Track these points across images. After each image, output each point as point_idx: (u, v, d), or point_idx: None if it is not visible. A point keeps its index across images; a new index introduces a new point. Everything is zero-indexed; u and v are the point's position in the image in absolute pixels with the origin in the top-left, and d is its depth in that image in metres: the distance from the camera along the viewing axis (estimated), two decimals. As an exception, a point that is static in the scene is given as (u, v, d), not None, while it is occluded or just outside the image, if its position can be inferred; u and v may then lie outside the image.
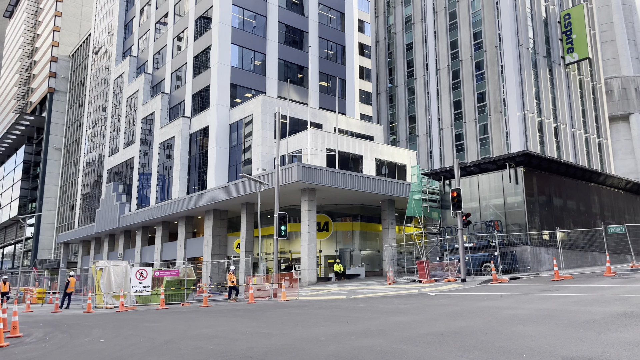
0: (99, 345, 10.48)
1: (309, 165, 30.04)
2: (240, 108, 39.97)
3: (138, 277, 22.16)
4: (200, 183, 41.96)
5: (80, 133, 74.43)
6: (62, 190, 79.76)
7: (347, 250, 37.36)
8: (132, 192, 50.63)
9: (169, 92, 48.85)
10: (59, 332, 13.23)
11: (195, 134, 43.26)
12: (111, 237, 54.23)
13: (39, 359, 9.24)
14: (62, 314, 21.17)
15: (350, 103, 48.95)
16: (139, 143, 50.80)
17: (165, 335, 11.24)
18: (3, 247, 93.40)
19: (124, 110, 55.81)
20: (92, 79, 69.21)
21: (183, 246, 40.67)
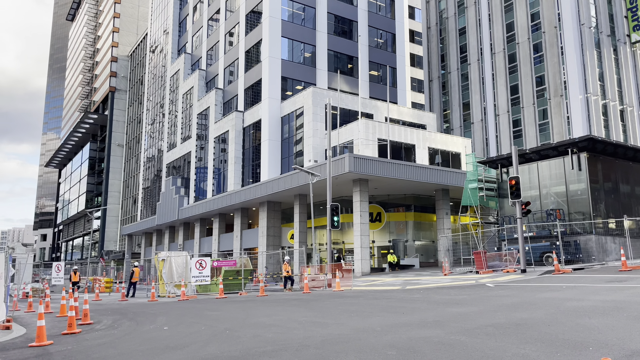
0: (163, 332, 10.97)
1: (361, 156, 29.93)
2: (291, 101, 40.32)
3: (198, 267, 22.94)
4: (254, 175, 42.78)
5: (140, 129, 77.57)
6: (124, 185, 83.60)
7: (401, 240, 37.05)
8: (190, 186, 52.35)
9: (222, 88, 49.95)
10: (126, 320, 13.94)
11: (248, 127, 44.07)
12: (171, 229, 56.37)
13: (109, 345, 9.78)
14: (129, 302, 22.27)
15: (401, 92, 48.26)
16: (195, 138, 52.35)
17: (225, 324, 11.61)
18: (73, 239, 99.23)
19: (180, 106, 57.64)
20: (149, 77, 71.87)
21: (239, 237, 41.70)
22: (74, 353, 8.98)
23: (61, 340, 10.70)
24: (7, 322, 13.80)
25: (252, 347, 8.35)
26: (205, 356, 7.81)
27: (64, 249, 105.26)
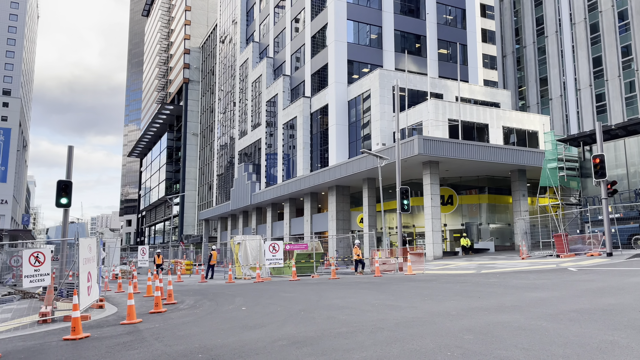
0: (242, 312, 11.44)
1: (430, 138, 29.26)
2: (358, 84, 40.05)
3: (271, 250, 23.62)
4: (323, 160, 43.11)
5: (213, 118, 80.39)
6: (200, 172, 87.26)
7: (474, 223, 36.00)
8: (261, 172, 53.72)
9: (289, 74, 50.53)
10: (207, 300, 14.67)
11: (316, 112, 44.36)
12: (245, 214, 58.29)
13: (192, 323, 10.35)
14: (208, 283, 23.39)
15: (472, 69, 46.46)
16: (264, 125, 53.50)
17: (300, 305, 11.90)
18: (155, 224, 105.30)
19: (249, 95, 59.03)
20: (220, 67, 74.08)
21: (309, 221, 42.37)
22: (161, 330, 9.59)
23: (149, 319, 11.46)
24: (100, 302, 14.97)
25: (327, 328, 8.52)
26: (283, 336, 8.07)
27: (147, 233, 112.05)
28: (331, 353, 6.59)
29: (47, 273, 11.63)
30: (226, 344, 7.75)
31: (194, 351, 7.35)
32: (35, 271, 11.46)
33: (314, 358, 6.38)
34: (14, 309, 15.28)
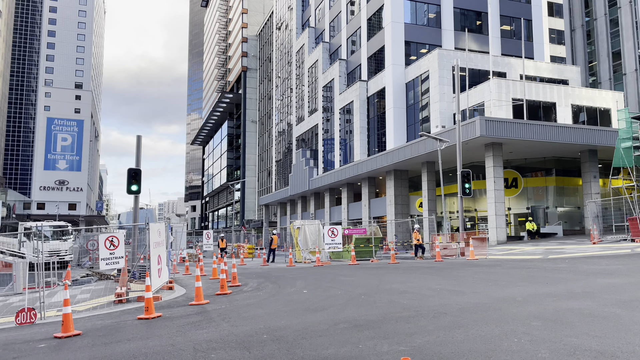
0: (303, 295, 11.67)
1: (493, 118, 28.24)
2: (416, 65, 39.19)
3: (330, 235, 23.83)
4: (380, 144, 42.72)
5: (271, 105, 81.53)
6: (259, 159, 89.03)
7: (540, 207, 34.56)
8: (318, 157, 54.05)
9: (345, 58, 50.21)
10: (269, 283, 15.06)
11: (372, 96, 43.91)
12: (303, 199, 59.01)
13: (256, 305, 10.68)
14: (269, 267, 23.98)
15: (538, 45, 44.20)
16: (321, 110, 53.63)
17: (360, 289, 11.98)
18: (217, 209, 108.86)
19: (306, 81, 59.27)
20: (277, 54, 74.77)
21: (367, 206, 42.28)
22: (228, 311, 9.97)
23: (216, 300, 11.94)
24: (169, 283, 15.73)
25: (389, 312, 8.53)
26: (344, 319, 8.17)
27: (211, 218, 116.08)
28: (393, 336, 6.61)
29: (121, 256, 12.36)
30: (289, 325, 7.95)
31: (259, 332, 7.60)
32: (110, 254, 12.20)
33: (376, 341, 6.42)
34: (92, 289, 16.37)
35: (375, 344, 6.26)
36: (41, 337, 8.68)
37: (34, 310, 10.61)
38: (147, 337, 7.86)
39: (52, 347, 7.76)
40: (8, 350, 7.75)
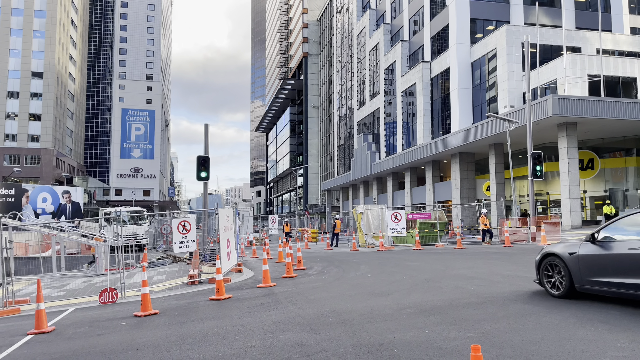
0: (367, 279, 11.72)
1: (567, 96, 26.68)
2: (482, 43, 37.66)
3: (393, 219, 23.66)
4: (444, 127, 41.64)
5: (332, 90, 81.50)
6: (321, 144, 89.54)
7: (620, 189, 32.43)
8: (380, 141, 53.56)
9: (407, 40, 49.12)
10: (333, 267, 15.23)
11: (436, 77, 42.75)
12: (365, 184, 58.87)
13: (321, 288, 10.85)
14: (333, 251, 24.21)
15: (616, 16, 41.08)
16: (382, 94, 52.95)
17: (425, 274, 11.85)
18: (281, 194, 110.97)
19: (367, 64, 58.65)
20: (337, 39, 74.41)
21: (431, 190, 41.50)
22: (294, 294, 10.21)
23: (282, 283, 12.25)
24: (238, 266, 16.30)
25: (455, 298, 8.40)
26: (409, 304, 8.13)
27: (275, 203, 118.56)
28: (461, 323, 6.51)
29: (193, 240, 12.93)
30: (355, 309, 8.03)
31: (325, 314, 7.73)
32: (183, 238, 12.80)
33: (442, 327, 6.36)
34: (166, 271, 17.29)
35: (442, 330, 6.20)
36: (122, 316, 9.30)
37: (115, 290, 11.38)
38: (219, 318, 8.22)
39: (133, 324, 8.31)
40: (94, 328, 8.37)
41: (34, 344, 7.51)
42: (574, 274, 7.45)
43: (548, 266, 8.03)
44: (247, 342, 6.32)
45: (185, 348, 6.31)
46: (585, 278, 7.26)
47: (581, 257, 7.35)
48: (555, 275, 7.84)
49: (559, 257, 7.78)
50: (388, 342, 5.81)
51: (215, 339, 6.65)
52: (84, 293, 13.30)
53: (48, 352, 6.85)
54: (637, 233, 6.77)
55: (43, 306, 8.58)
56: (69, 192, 32.42)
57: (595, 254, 7.14)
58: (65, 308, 10.92)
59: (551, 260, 7.96)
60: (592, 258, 7.18)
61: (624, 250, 6.70)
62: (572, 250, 7.61)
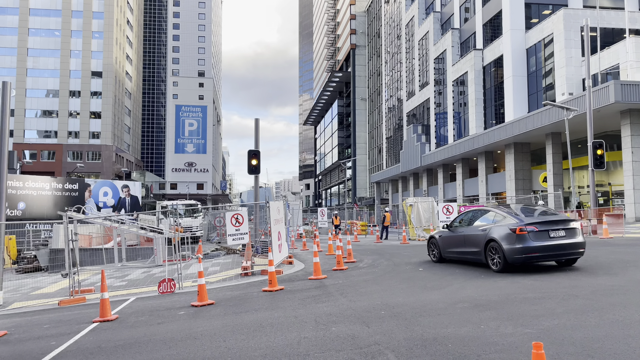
0: (419, 273, 11.59)
1: (630, 82, 25.21)
2: (538, 28, 36.15)
3: (445, 212, 23.23)
4: (497, 116, 40.39)
5: (380, 82, 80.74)
6: (369, 136, 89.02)
7: (690, 180, 30.37)
8: (430, 132, 52.63)
9: (458, 27, 47.87)
10: (384, 260, 15.16)
11: (489, 65, 41.47)
12: (415, 176, 58.10)
13: (372, 281, 10.84)
14: (383, 244, 24.08)
15: (687, -6, 38.32)
16: (432, 84, 51.94)
17: (480, 268, 11.58)
18: (330, 187, 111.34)
19: (416, 54, 57.65)
20: (385, 29, 73.53)
21: (484, 182, 40.43)
22: (345, 287, 10.25)
23: (333, 275, 12.32)
24: (289, 258, 16.53)
25: (511, 292, 8.18)
26: (463, 298, 7.99)
27: (324, 196, 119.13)
28: (517, 318, 6.34)
29: (245, 232, 13.22)
30: (406, 302, 7.97)
31: (376, 307, 7.73)
32: (236, 230, 13.11)
33: (498, 322, 6.21)
34: (221, 262, 17.77)
35: (498, 325, 6.06)
36: (180, 305, 9.66)
37: (173, 280, 11.82)
38: (272, 309, 8.39)
39: (190, 314, 8.61)
40: (154, 316, 8.75)
41: (99, 331, 7.93)
42: (441, 247, 13.06)
43: (430, 244, 13.77)
44: (300, 334, 6.42)
45: (241, 338, 6.49)
46: (445, 250, 12.88)
47: (442, 238, 13.03)
48: (435, 249, 13.42)
49: (434, 238, 13.51)
50: (442, 336, 5.75)
51: (269, 330, 6.79)
52: (143, 283, 13.90)
53: (112, 339, 7.23)
54: (466, 223, 12.13)
55: (107, 295, 9.04)
56: (128, 186, 33.86)
57: (448, 236, 12.73)
58: (126, 297, 11.46)
59: (431, 240, 13.72)
60: (446, 238, 12.80)
61: (457, 233, 12.23)
62: (440, 234, 13.27)
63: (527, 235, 9.94)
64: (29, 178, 28.68)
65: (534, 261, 10.18)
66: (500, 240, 10.26)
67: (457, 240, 12.08)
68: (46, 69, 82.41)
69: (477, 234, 11.26)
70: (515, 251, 9.96)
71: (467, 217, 12.29)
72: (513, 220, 10.40)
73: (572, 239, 10.13)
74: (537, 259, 10.05)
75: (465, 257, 11.87)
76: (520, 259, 9.98)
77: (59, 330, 8.35)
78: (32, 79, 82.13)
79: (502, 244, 10.20)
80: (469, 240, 11.55)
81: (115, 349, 6.60)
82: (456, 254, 12.24)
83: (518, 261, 10.05)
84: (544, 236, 9.99)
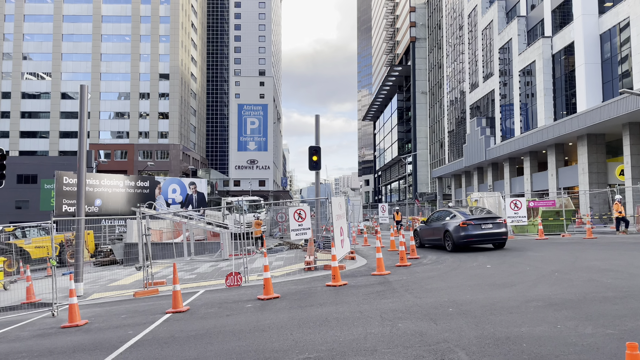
0: (487, 270, 11.22)
1: None
2: (613, 12, 33.87)
3: (512, 207, 22.35)
4: (568, 107, 38.29)
5: (441, 74, 78.85)
6: (430, 130, 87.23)
7: None
8: (495, 125, 50.77)
9: (524, 15, 45.79)
10: (448, 256, 14.81)
11: (558, 53, 39.37)
12: (479, 170, 56.29)
13: (437, 278, 10.61)
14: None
15: None
16: (497, 74, 50.06)
17: (552, 266, 11.05)
18: (390, 183, 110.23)
19: (479, 44, 55.78)
20: (447, 20, 71.67)
21: (554, 176, 38.51)
22: (409, 283, 10.10)
23: (396, 271, 12.18)
24: (351, 254, 16.52)
25: (589, 291, 7.74)
26: (536, 296, 7.65)
27: (384, 192, 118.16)
28: (597, 318, 5.99)
29: (308, 227, 13.35)
30: (475, 300, 7.74)
31: (443, 304, 7.55)
32: (299, 226, 13.26)
33: (576, 322, 5.89)
34: (284, 257, 18.06)
35: (576, 325, 5.75)
36: (247, 298, 9.90)
37: (239, 274, 12.14)
38: (337, 303, 8.41)
39: (257, 307, 8.81)
40: (223, 309, 9.02)
41: (172, 322, 8.28)
42: (420, 237, 17.93)
43: (415, 234, 18.37)
44: (366, 329, 6.39)
45: (307, 332, 6.55)
46: (423, 239, 17.70)
47: (421, 230, 17.89)
48: (417, 238, 18.10)
49: (417, 230, 18.38)
50: (515, 335, 5.53)
51: (334, 324, 6.81)
52: (211, 276, 14.38)
53: (185, 329, 7.52)
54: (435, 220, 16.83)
55: (179, 288, 9.42)
56: (195, 184, 35.14)
57: (424, 228, 17.48)
58: (196, 290, 11.90)
59: (415, 231, 18.58)
60: (423, 230, 17.59)
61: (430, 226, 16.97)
62: (419, 227, 18.17)
63: (467, 227, 15.07)
64: (105, 176, 30.43)
65: (471, 244, 15.29)
66: (452, 231, 15.29)
67: (429, 231, 17.05)
68: (118, 73, 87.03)
69: (439, 227, 16.29)
70: (460, 237, 15.09)
71: (436, 216, 17.29)
72: (461, 217, 15.38)
73: (498, 229, 15.27)
74: (473, 243, 15.23)
75: (433, 242, 16.86)
76: (463, 242, 15.12)
77: (135, 320, 8.80)
78: (106, 82, 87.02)
79: (452, 233, 15.17)
80: (436, 231, 16.51)
81: (188, 339, 6.87)
82: (428, 241, 17.30)
83: (462, 244, 15.14)
84: (478, 228, 15.10)
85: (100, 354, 6.53)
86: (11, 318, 10.94)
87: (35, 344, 7.72)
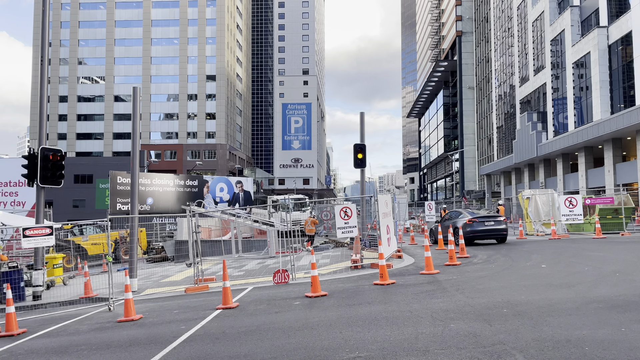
0: (542, 270, 10.80)
1: None
2: (677, -3, 31.89)
3: (567, 205, 21.44)
4: (626, 99, 36.37)
5: (489, 69, 76.72)
6: (478, 126, 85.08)
7: None
8: (547, 120, 48.91)
9: (577, 5, 43.84)
10: (500, 255, 14.37)
11: (615, 44, 37.46)
12: (530, 167, 54.45)
13: (489, 277, 10.30)
14: (496, 239, 22.85)
15: None
16: (549, 67, 48.20)
17: (612, 265, 10.52)
18: (436, 180, 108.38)
19: (530, 36, 53.88)
20: (495, 12, 69.65)
21: (611, 172, 36.73)
22: (460, 282, 9.85)
23: (445, 270, 11.92)
24: (398, 252, 16.31)
25: (655, 294, 7.29)
26: (596, 298, 7.29)
27: (429, 190, 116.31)
28: (667, 323, 5.63)
29: (354, 225, 13.26)
30: (530, 301, 7.45)
31: (497, 305, 7.31)
32: (345, 223, 13.20)
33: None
34: (330, 255, 18.06)
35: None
36: (295, 296, 9.94)
37: (287, 271, 12.22)
38: (385, 302, 8.30)
39: (305, 304, 8.82)
40: (271, 305, 9.09)
41: (222, 317, 8.42)
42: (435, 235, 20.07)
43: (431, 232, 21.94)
44: (416, 329, 6.27)
45: (356, 330, 6.49)
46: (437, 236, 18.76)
47: (435, 228, 20.95)
48: (433, 236, 20.81)
49: (432, 228, 22.07)
50: (576, 338, 5.27)
51: (383, 323, 6.72)
52: (259, 273, 14.56)
53: (235, 325, 7.62)
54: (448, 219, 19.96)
55: (229, 284, 9.57)
56: (241, 182, 35.72)
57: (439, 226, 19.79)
58: (245, 286, 12.07)
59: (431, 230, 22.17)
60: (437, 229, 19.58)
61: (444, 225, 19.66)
62: (434, 226, 21.62)
63: (473, 223, 18.09)
64: (156, 176, 31.39)
65: (476, 238, 18.27)
66: (460, 227, 17.03)
67: (442, 229, 19.11)
68: (167, 75, 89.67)
69: (448, 225, 18.57)
70: (466, 232, 17.45)
71: (448, 216, 20.47)
72: (468, 216, 18.61)
73: (499, 226, 18.28)
74: (478, 237, 18.24)
75: (445, 238, 18.25)
76: (469, 237, 17.70)
77: (186, 315, 9.01)
78: (155, 85, 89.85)
79: (460, 228, 16.50)
80: (446, 228, 18.52)
81: (239, 335, 6.95)
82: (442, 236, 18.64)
83: (468, 238, 17.46)
84: (482, 224, 18.21)
85: (155, 348, 6.71)
86: (71, 312, 11.45)
87: (94, 337, 8.03)
